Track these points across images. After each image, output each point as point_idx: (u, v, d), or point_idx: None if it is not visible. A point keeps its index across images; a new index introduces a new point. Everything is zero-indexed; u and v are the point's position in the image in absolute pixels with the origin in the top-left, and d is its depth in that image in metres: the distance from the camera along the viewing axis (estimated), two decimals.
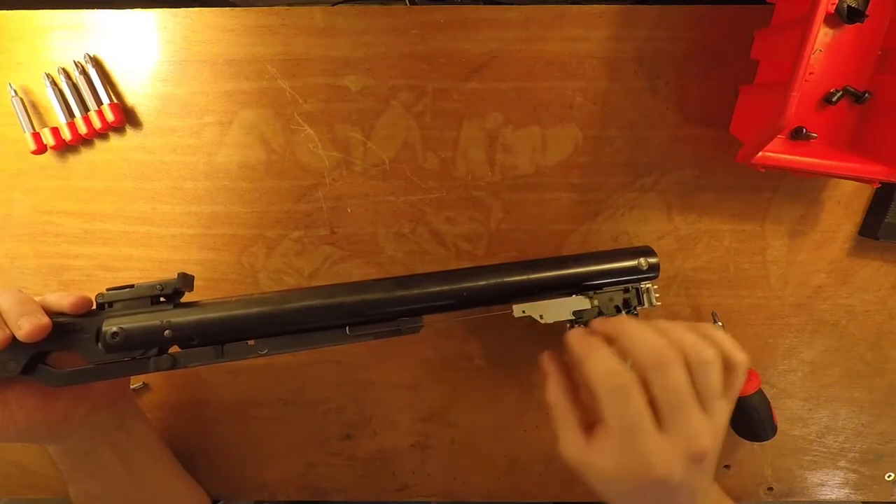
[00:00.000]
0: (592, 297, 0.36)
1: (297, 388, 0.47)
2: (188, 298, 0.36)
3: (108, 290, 0.35)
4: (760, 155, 0.34)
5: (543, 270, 0.37)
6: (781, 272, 0.43)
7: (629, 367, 0.30)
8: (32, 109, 0.42)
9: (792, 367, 0.45)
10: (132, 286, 0.35)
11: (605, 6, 0.39)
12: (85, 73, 0.41)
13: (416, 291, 0.36)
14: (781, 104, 0.30)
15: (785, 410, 0.46)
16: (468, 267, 0.37)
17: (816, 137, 0.36)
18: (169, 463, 0.45)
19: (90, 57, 0.41)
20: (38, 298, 0.34)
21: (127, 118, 0.42)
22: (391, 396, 0.47)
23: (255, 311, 0.35)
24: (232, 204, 0.43)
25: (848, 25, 0.35)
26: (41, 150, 0.42)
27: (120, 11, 0.41)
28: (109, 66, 0.42)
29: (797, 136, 0.36)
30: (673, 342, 0.29)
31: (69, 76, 0.41)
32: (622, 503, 0.32)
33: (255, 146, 0.42)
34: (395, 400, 0.47)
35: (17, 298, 0.32)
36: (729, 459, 0.48)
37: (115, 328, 0.33)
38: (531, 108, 0.41)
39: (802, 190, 0.42)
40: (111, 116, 0.41)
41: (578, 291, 0.36)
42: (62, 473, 0.40)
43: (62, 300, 0.33)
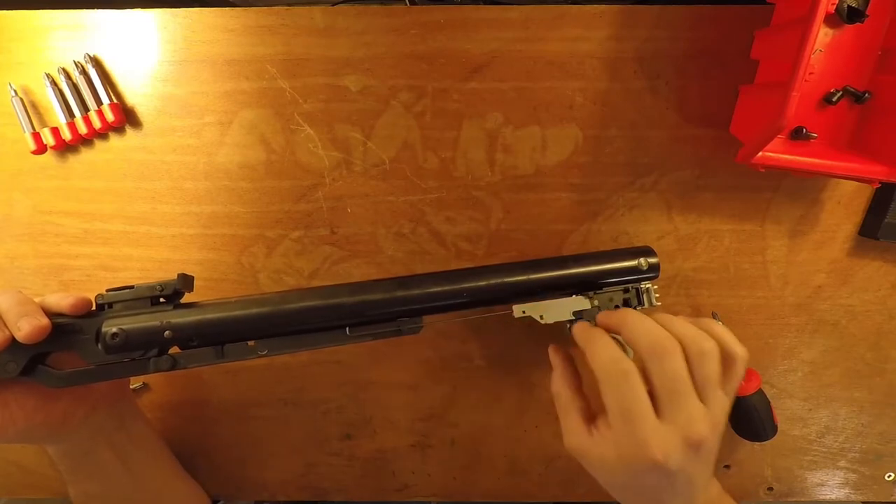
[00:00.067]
0: (592, 297, 0.36)
1: (297, 388, 0.47)
2: (188, 299, 0.36)
3: (107, 290, 0.35)
4: (760, 155, 0.34)
5: (544, 270, 0.37)
6: (781, 272, 0.43)
7: (631, 356, 0.31)
8: (32, 109, 0.42)
9: (792, 367, 0.45)
10: (132, 287, 0.35)
11: (605, 6, 0.39)
12: (85, 73, 0.41)
13: (416, 292, 0.36)
14: (781, 104, 0.30)
15: (785, 410, 0.46)
16: (468, 267, 0.37)
17: (816, 137, 0.36)
18: (169, 463, 0.45)
19: (90, 57, 0.41)
20: (37, 299, 0.34)
21: (127, 118, 0.42)
22: (391, 396, 0.47)
23: (254, 311, 0.35)
24: (232, 204, 0.43)
25: (848, 25, 0.35)
26: (41, 150, 0.42)
27: (120, 11, 0.40)
28: (109, 66, 0.41)
29: (797, 136, 0.36)
30: (673, 333, 0.30)
31: (69, 76, 0.41)
32: (623, 493, 0.33)
33: (255, 146, 0.42)
34: (395, 400, 0.47)
35: (16, 299, 0.32)
36: (729, 459, 0.48)
37: (115, 329, 0.33)
38: (531, 108, 0.41)
39: (802, 190, 0.42)
40: (111, 116, 0.41)
41: (578, 291, 0.36)
42: (62, 474, 0.40)
43: (62, 301, 0.33)
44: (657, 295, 0.37)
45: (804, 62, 0.30)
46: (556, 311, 0.36)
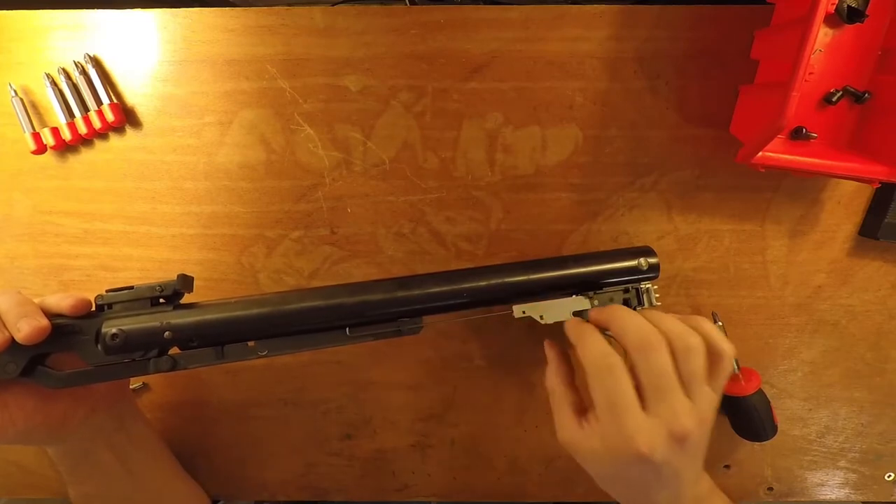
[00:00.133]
0: (592, 297, 0.36)
1: (297, 388, 0.47)
2: (188, 299, 0.36)
3: (107, 291, 0.35)
4: (760, 155, 0.34)
5: (544, 271, 0.37)
6: (781, 272, 0.43)
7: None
8: (32, 109, 0.42)
9: (792, 367, 0.45)
10: (132, 287, 0.35)
11: (605, 6, 0.39)
12: (85, 73, 0.41)
13: (416, 292, 0.36)
14: (781, 104, 0.30)
15: (785, 410, 0.46)
16: (468, 267, 0.37)
17: (816, 137, 0.36)
18: (169, 463, 0.45)
19: (90, 57, 0.41)
20: (37, 300, 0.34)
21: (127, 118, 0.42)
22: (391, 396, 0.47)
23: (255, 312, 0.35)
24: (232, 204, 0.43)
25: (848, 25, 0.35)
26: (41, 150, 0.42)
27: (120, 11, 0.40)
28: (109, 66, 0.41)
29: (797, 136, 0.36)
30: (660, 329, 0.31)
31: (69, 76, 0.41)
32: (612, 485, 0.34)
33: (255, 146, 0.42)
34: (395, 400, 0.47)
35: (16, 300, 0.32)
36: (729, 459, 0.48)
37: (114, 330, 0.33)
38: (531, 108, 0.41)
39: (802, 190, 0.42)
40: (111, 116, 0.41)
41: (578, 291, 0.36)
42: (62, 474, 0.40)
43: (61, 302, 0.33)
44: (657, 295, 0.37)
45: (804, 62, 0.30)
46: (556, 311, 0.36)
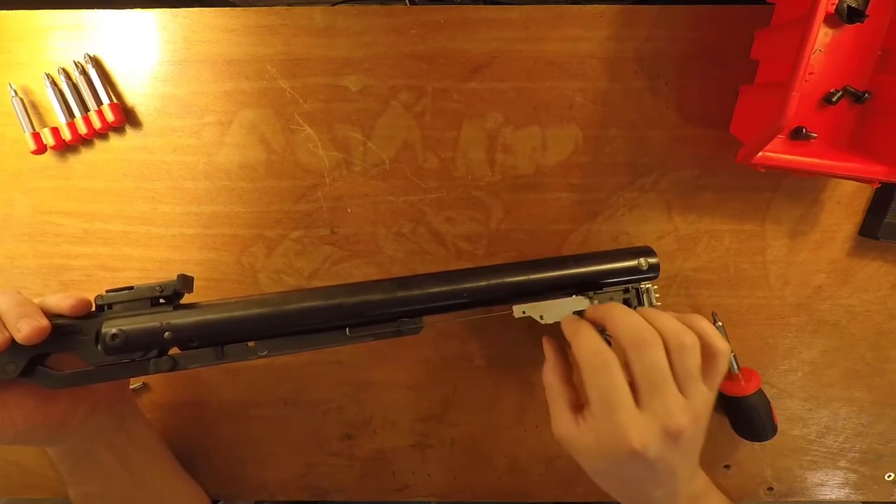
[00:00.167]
0: (592, 297, 0.36)
1: (297, 388, 0.47)
2: (188, 300, 0.36)
3: (107, 291, 0.35)
4: (760, 155, 0.34)
5: (544, 271, 0.37)
6: (781, 272, 0.43)
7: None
8: (32, 109, 0.42)
9: (792, 367, 0.45)
10: (132, 288, 0.35)
11: (605, 6, 0.39)
12: (85, 73, 0.41)
13: (416, 292, 0.36)
14: (781, 104, 0.30)
15: (785, 410, 0.46)
16: (469, 267, 0.37)
17: (816, 137, 0.36)
18: (169, 463, 0.45)
19: (90, 57, 0.41)
20: (37, 300, 0.34)
21: (127, 118, 0.42)
22: (391, 396, 0.47)
23: (255, 312, 0.35)
24: (232, 204, 0.43)
25: (848, 25, 0.35)
26: (41, 150, 0.42)
27: (120, 11, 0.40)
28: (109, 66, 0.41)
29: (797, 136, 0.36)
30: (656, 327, 0.31)
31: (69, 76, 0.41)
32: (607, 481, 0.34)
33: (255, 146, 0.42)
34: (395, 400, 0.47)
35: (15, 300, 0.32)
36: (729, 459, 0.48)
37: (114, 330, 0.33)
38: (531, 108, 0.41)
39: (802, 190, 0.42)
40: (111, 116, 0.41)
41: (578, 291, 0.36)
42: (62, 475, 0.40)
43: (61, 302, 0.33)
44: (657, 295, 0.37)
45: (804, 62, 0.30)
46: (556, 311, 0.36)
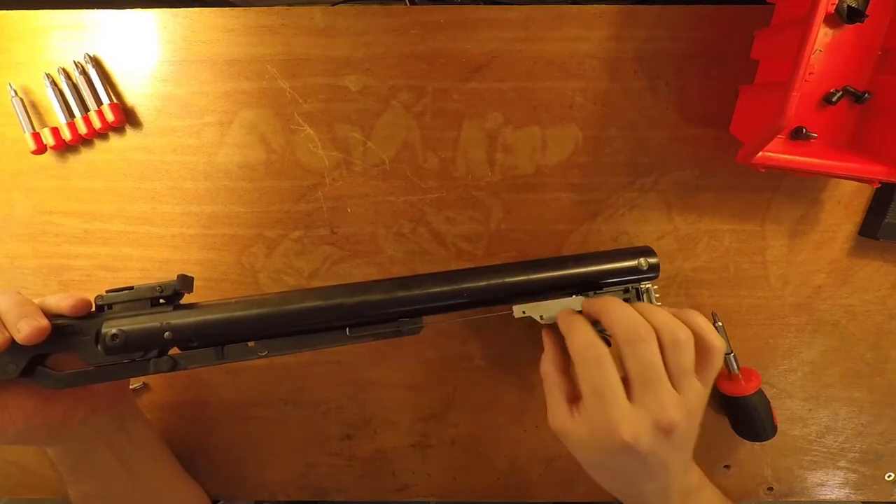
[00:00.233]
0: (592, 297, 0.36)
1: (297, 388, 0.47)
2: (188, 300, 0.36)
3: (107, 291, 0.35)
4: (760, 155, 0.34)
5: (544, 271, 0.37)
6: (781, 272, 0.43)
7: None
8: (32, 109, 0.42)
9: (792, 367, 0.45)
10: (132, 288, 0.35)
11: (605, 6, 0.39)
12: (85, 73, 0.41)
13: (416, 292, 0.36)
14: (781, 104, 0.30)
15: (785, 410, 0.46)
16: (468, 267, 0.37)
17: (816, 137, 0.36)
18: (169, 463, 0.45)
19: (90, 57, 0.41)
20: (37, 300, 0.33)
21: (127, 118, 0.42)
22: (391, 396, 0.47)
23: (255, 312, 0.35)
24: (232, 204, 0.43)
25: (848, 25, 0.35)
26: (41, 150, 0.42)
27: (120, 11, 0.40)
28: (109, 66, 0.41)
29: (797, 136, 0.36)
30: (650, 322, 0.31)
31: (69, 76, 0.41)
32: (600, 473, 0.34)
33: (255, 146, 0.42)
34: (395, 400, 0.47)
35: (15, 300, 0.32)
36: (729, 459, 0.48)
37: (114, 330, 0.33)
38: (531, 108, 0.41)
39: (802, 190, 0.42)
40: (111, 116, 0.41)
41: (578, 291, 0.36)
42: (62, 475, 0.40)
43: (61, 302, 0.33)
44: (657, 295, 0.37)
45: (804, 62, 0.30)
46: (556, 311, 0.36)
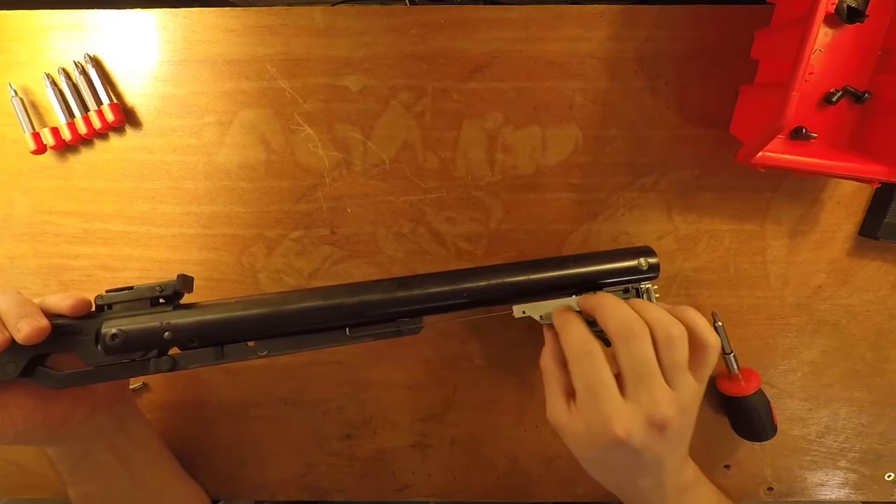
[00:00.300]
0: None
1: (297, 388, 0.47)
2: (188, 300, 0.36)
3: (107, 291, 0.35)
4: (760, 155, 0.34)
5: (544, 271, 0.37)
6: (781, 272, 0.43)
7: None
8: (32, 109, 0.42)
9: (792, 367, 0.45)
10: (131, 288, 0.35)
11: (605, 6, 0.39)
12: (85, 73, 0.41)
13: (416, 292, 0.36)
14: (781, 104, 0.30)
15: (785, 410, 0.46)
16: (468, 267, 0.37)
17: (816, 137, 0.36)
18: (169, 463, 0.45)
19: (90, 57, 0.41)
20: (37, 300, 0.34)
21: (127, 118, 0.42)
22: (391, 396, 0.47)
23: (254, 312, 0.35)
24: (232, 204, 0.43)
25: (848, 25, 0.35)
26: (41, 150, 0.42)
27: (120, 11, 0.40)
28: (109, 66, 0.41)
29: (797, 136, 0.36)
30: (645, 318, 0.31)
31: (69, 76, 0.41)
32: (596, 468, 0.34)
33: (255, 146, 0.42)
34: (395, 400, 0.47)
35: (15, 300, 0.32)
36: (729, 459, 0.48)
37: (114, 330, 0.33)
38: (531, 108, 0.41)
39: (802, 190, 0.42)
40: (111, 116, 0.41)
41: (578, 291, 0.36)
42: (62, 475, 0.40)
43: (61, 302, 0.33)
44: (657, 295, 0.37)
45: (804, 62, 0.30)
46: None
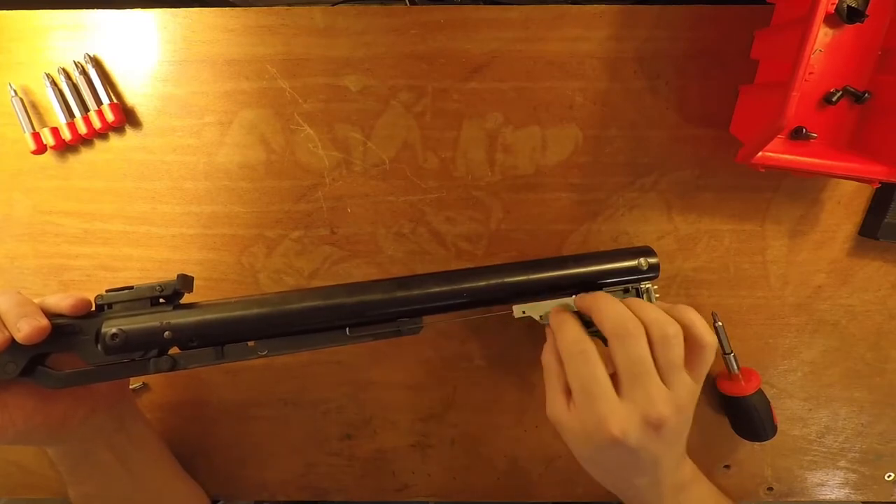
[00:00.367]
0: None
1: (297, 388, 0.47)
2: (188, 299, 0.36)
3: (107, 291, 0.35)
4: (760, 155, 0.34)
5: (543, 271, 0.37)
6: (781, 272, 0.43)
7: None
8: (32, 109, 0.42)
9: (792, 367, 0.45)
10: (131, 287, 0.35)
11: (605, 6, 0.39)
12: (85, 73, 0.41)
13: (416, 292, 0.36)
14: (781, 104, 0.30)
15: (785, 410, 0.46)
16: (468, 267, 0.37)
17: (816, 137, 0.36)
18: (169, 463, 0.45)
19: (90, 57, 0.41)
20: (37, 300, 0.34)
21: (127, 118, 0.42)
22: (391, 396, 0.47)
23: (254, 312, 0.35)
24: (232, 204, 0.43)
25: (848, 25, 0.35)
26: (41, 150, 0.42)
27: (120, 11, 0.40)
28: (109, 66, 0.41)
29: (797, 136, 0.36)
30: (640, 318, 0.31)
31: (69, 76, 0.41)
32: (593, 467, 0.34)
33: (255, 146, 0.42)
34: (395, 400, 0.47)
35: (15, 300, 0.32)
36: (729, 459, 0.48)
37: (114, 330, 0.33)
38: (531, 108, 0.41)
39: (802, 190, 0.42)
40: (111, 116, 0.41)
41: (578, 292, 0.36)
42: (62, 475, 0.40)
43: (61, 302, 0.33)
44: (657, 295, 0.37)
45: (804, 62, 0.30)
46: None
